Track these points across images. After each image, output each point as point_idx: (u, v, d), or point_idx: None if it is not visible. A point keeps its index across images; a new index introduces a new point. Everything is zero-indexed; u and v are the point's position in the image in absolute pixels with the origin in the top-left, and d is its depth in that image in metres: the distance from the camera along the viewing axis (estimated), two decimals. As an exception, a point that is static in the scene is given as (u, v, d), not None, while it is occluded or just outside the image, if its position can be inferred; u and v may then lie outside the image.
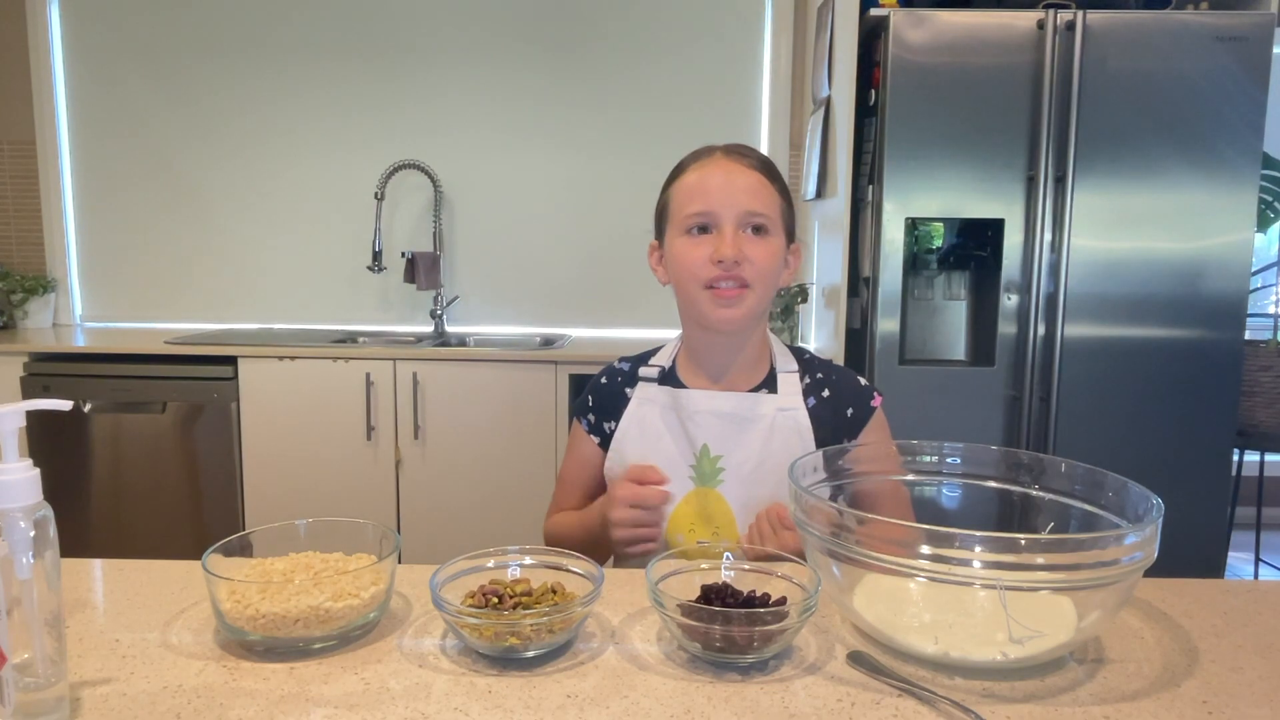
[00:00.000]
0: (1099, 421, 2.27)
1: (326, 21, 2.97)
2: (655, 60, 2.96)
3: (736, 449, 1.13)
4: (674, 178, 1.15)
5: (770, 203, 1.11)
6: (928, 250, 2.43)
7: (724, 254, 1.07)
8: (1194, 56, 2.17)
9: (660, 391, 1.18)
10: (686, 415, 1.15)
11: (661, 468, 1.14)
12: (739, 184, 1.10)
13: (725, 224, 1.09)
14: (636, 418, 1.18)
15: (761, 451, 1.13)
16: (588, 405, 1.25)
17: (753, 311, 1.11)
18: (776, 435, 1.13)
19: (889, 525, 0.73)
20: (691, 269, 1.10)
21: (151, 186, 3.04)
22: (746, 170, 1.11)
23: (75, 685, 0.71)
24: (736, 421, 1.14)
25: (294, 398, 2.48)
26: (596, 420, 1.24)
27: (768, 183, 1.12)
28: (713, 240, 1.09)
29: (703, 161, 1.13)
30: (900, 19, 2.19)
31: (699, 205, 1.10)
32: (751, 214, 1.09)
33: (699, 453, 1.14)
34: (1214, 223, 2.22)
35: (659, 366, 1.21)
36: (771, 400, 1.15)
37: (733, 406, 1.14)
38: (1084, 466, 0.90)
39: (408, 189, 3.01)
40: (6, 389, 2.48)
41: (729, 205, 1.09)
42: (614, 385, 1.24)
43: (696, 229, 1.11)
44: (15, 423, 0.64)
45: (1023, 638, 0.72)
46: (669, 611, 0.75)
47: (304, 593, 0.77)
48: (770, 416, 1.14)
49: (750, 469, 1.13)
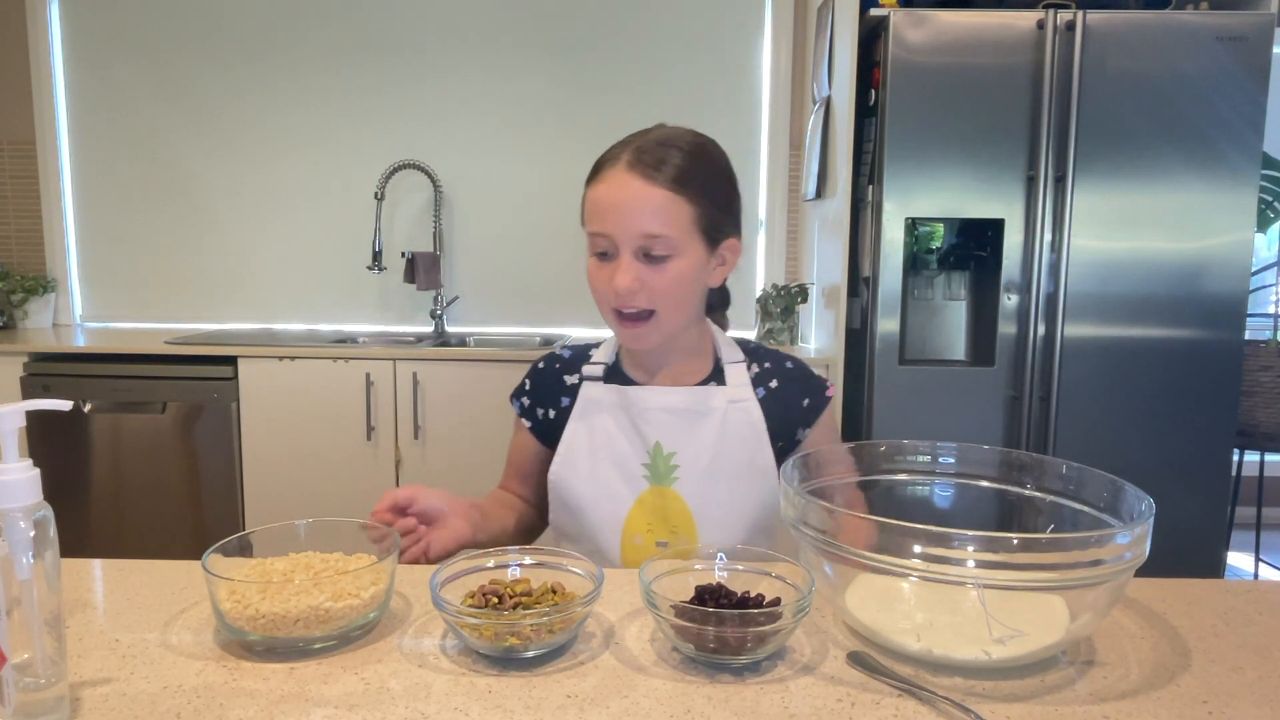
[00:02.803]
0: (1099, 421, 2.27)
1: (327, 23, 2.97)
2: (655, 60, 2.96)
3: (690, 445, 1.11)
4: (589, 178, 1.08)
5: (676, 219, 1.03)
6: (928, 250, 2.43)
7: (618, 285, 1.03)
8: (1194, 56, 2.17)
9: (607, 390, 1.14)
10: (637, 413, 1.12)
11: (615, 468, 1.12)
12: (637, 204, 1.02)
13: (623, 250, 1.03)
14: (584, 420, 1.15)
15: (715, 446, 1.11)
16: (524, 389, 1.24)
17: (664, 331, 1.08)
18: (729, 428, 1.11)
19: (873, 524, 0.73)
20: (600, 295, 1.08)
21: (151, 186, 3.04)
22: (646, 187, 1.02)
23: (75, 685, 0.71)
24: (689, 417, 1.11)
25: (294, 398, 2.48)
26: (530, 404, 1.22)
27: (675, 196, 1.02)
28: (611, 268, 1.05)
29: (608, 171, 1.05)
30: (900, 19, 2.19)
31: (598, 227, 1.05)
32: (651, 238, 1.02)
33: (652, 451, 1.12)
34: (1214, 223, 2.22)
35: (603, 364, 1.17)
36: (722, 392, 1.13)
37: (684, 401, 1.12)
38: (1077, 466, 0.90)
39: (408, 189, 3.01)
40: (6, 389, 2.48)
41: (626, 230, 1.02)
42: (552, 371, 1.22)
43: (599, 253, 1.06)
44: (15, 423, 0.64)
45: (1004, 637, 0.72)
46: (662, 613, 0.75)
47: (304, 593, 0.77)
48: (722, 409, 1.12)
49: (705, 464, 1.10)
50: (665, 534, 1.12)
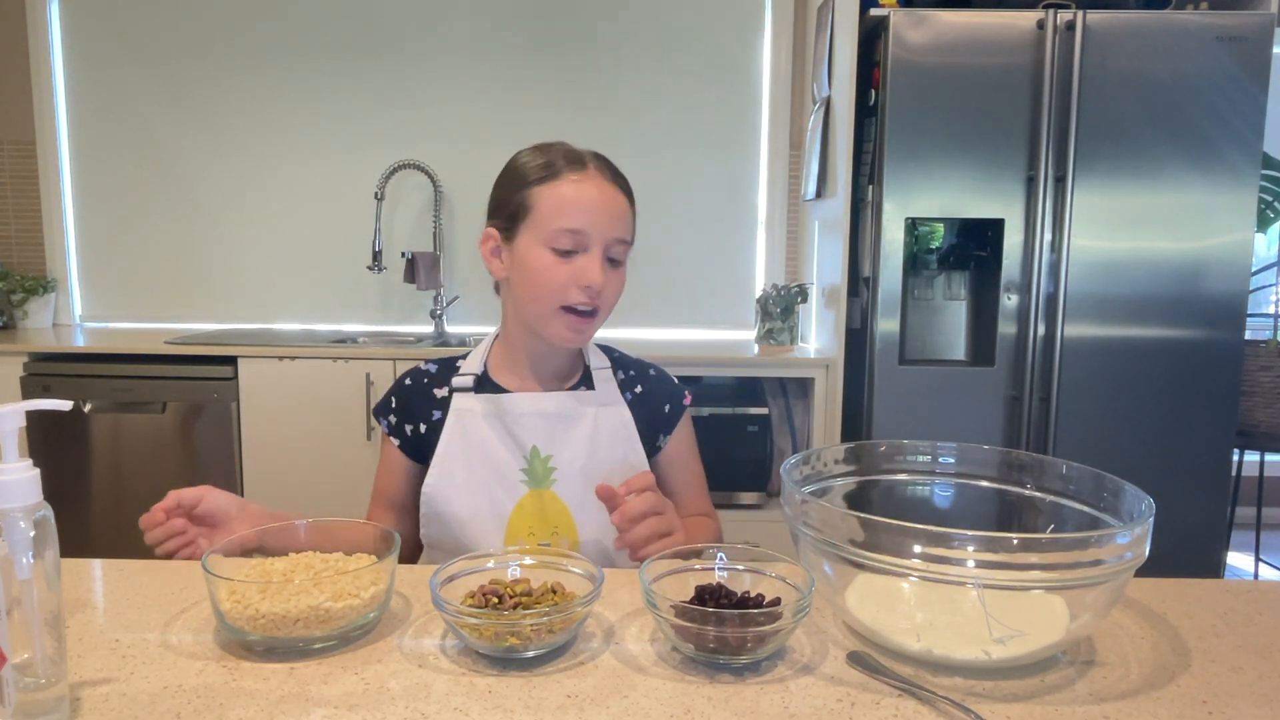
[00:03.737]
0: (1099, 421, 2.27)
1: (328, 23, 2.97)
2: (655, 60, 2.96)
3: (565, 447, 1.14)
4: (542, 178, 1.10)
5: (631, 228, 1.13)
6: (928, 250, 2.43)
7: (593, 281, 1.07)
8: (1194, 56, 2.17)
9: (478, 400, 1.15)
10: (512, 419, 1.14)
11: (493, 476, 1.13)
12: (613, 208, 1.09)
13: (595, 249, 1.08)
14: (458, 431, 1.15)
15: (589, 447, 1.15)
16: (390, 406, 1.21)
17: (596, 330, 1.14)
18: (602, 430, 1.16)
19: (876, 524, 0.73)
20: (553, 288, 1.08)
21: (152, 186, 3.04)
22: (618, 194, 1.10)
23: (75, 685, 0.71)
24: (562, 420, 1.15)
25: (294, 398, 2.48)
26: (398, 422, 1.20)
27: (631, 208, 1.12)
28: (579, 264, 1.07)
29: (579, 173, 1.09)
30: (900, 19, 2.19)
31: (574, 223, 1.07)
32: (619, 241, 1.10)
33: (529, 455, 1.14)
34: (1214, 223, 2.22)
35: (471, 374, 1.18)
36: (592, 397, 1.18)
37: (556, 406, 1.15)
38: (1077, 466, 0.90)
39: (408, 189, 3.01)
40: (6, 389, 2.48)
41: (602, 230, 1.08)
42: (419, 386, 1.20)
43: (563, 250, 1.08)
44: (15, 423, 0.64)
45: (1004, 637, 0.72)
46: (662, 613, 0.75)
47: (304, 593, 0.77)
48: (593, 413, 1.16)
49: (580, 465, 1.14)
50: (547, 535, 1.14)
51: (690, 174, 2.98)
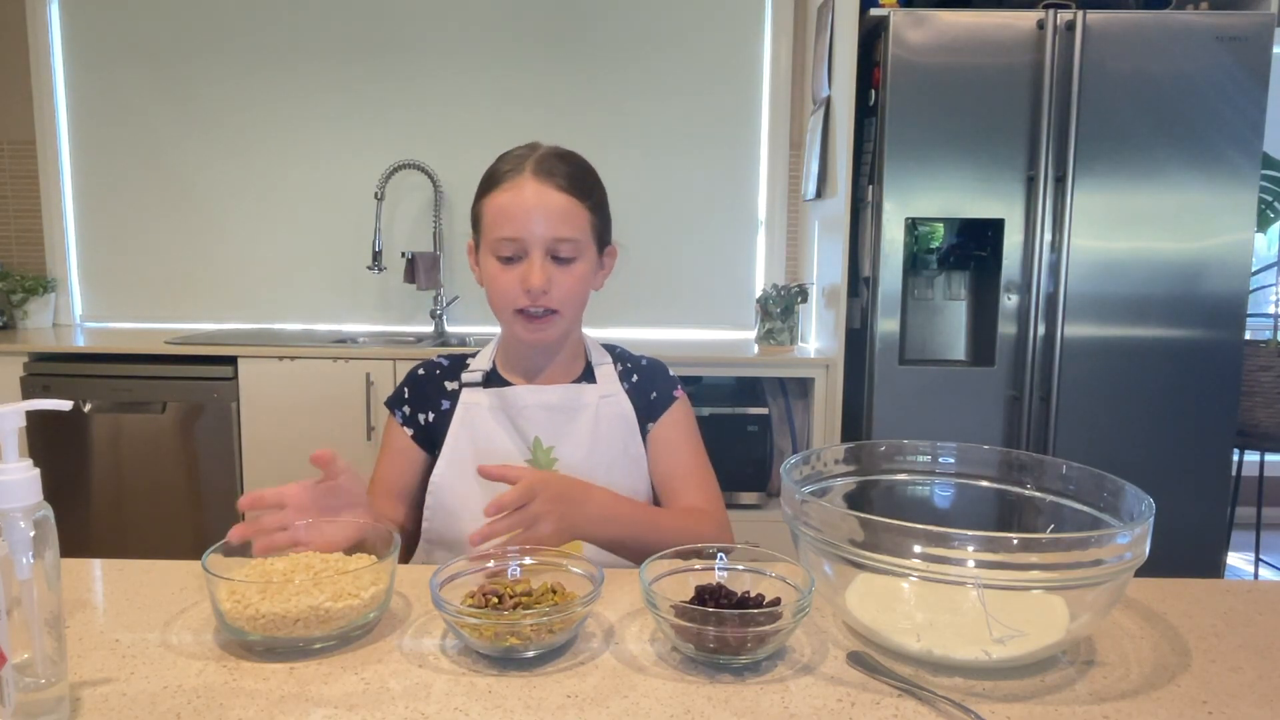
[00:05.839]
0: (1099, 421, 2.27)
1: (327, 23, 2.97)
2: (655, 60, 2.95)
3: (567, 438, 1.17)
4: (487, 188, 1.14)
5: (579, 223, 1.12)
6: (928, 250, 2.43)
7: (531, 284, 1.09)
8: (1194, 56, 2.17)
9: (485, 394, 1.20)
10: (515, 411, 1.18)
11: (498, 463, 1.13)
12: (548, 209, 1.10)
13: (533, 251, 1.10)
14: (466, 424, 1.18)
15: (591, 438, 1.18)
16: (403, 397, 1.24)
17: (563, 330, 1.16)
18: (602, 422, 1.19)
19: (876, 524, 0.73)
20: (503, 295, 1.13)
21: (151, 186, 3.04)
22: (554, 193, 1.11)
23: (75, 685, 0.71)
24: (564, 412, 1.18)
25: (294, 398, 2.48)
26: (411, 412, 1.23)
27: (576, 201, 1.12)
28: (521, 270, 1.11)
29: (513, 180, 1.12)
30: (900, 19, 2.19)
31: (507, 231, 1.10)
32: (559, 240, 1.11)
33: (532, 445, 1.17)
34: (1214, 223, 2.22)
35: (481, 370, 1.22)
36: (593, 389, 1.21)
37: (558, 398, 1.19)
38: (1077, 466, 0.90)
39: (408, 189, 3.01)
40: (6, 389, 2.48)
41: (536, 233, 1.10)
42: (432, 376, 1.24)
43: (505, 256, 1.12)
44: (15, 423, 0.64)
45: (1004, 637, 0.72)
46: (662, 613, 0.75)
47: (304, 593, 0.77)
48: (594, 405, 1.19)
49: (582, 456, 1.17)
50: None
51: (690, 174, 2.98)
